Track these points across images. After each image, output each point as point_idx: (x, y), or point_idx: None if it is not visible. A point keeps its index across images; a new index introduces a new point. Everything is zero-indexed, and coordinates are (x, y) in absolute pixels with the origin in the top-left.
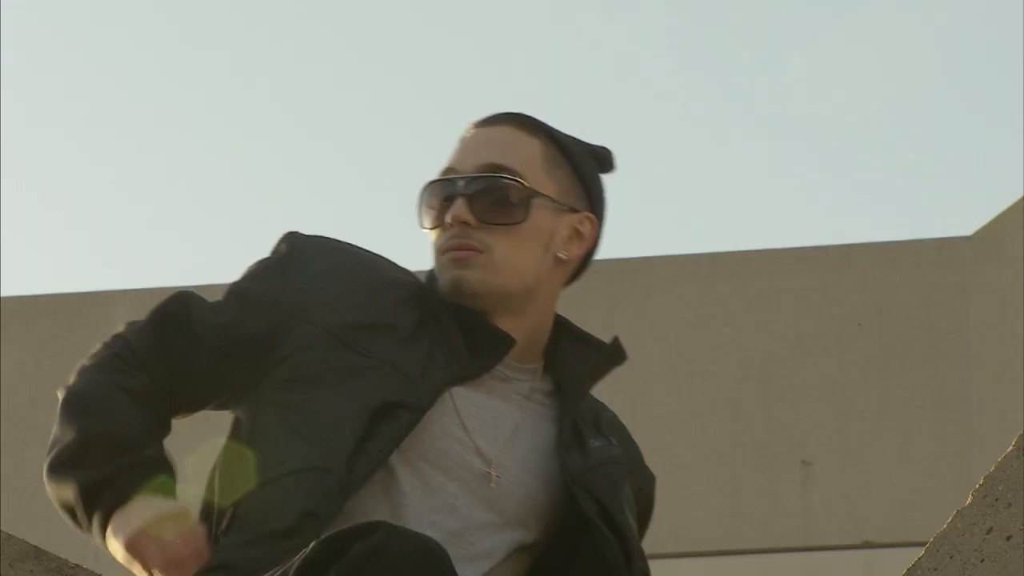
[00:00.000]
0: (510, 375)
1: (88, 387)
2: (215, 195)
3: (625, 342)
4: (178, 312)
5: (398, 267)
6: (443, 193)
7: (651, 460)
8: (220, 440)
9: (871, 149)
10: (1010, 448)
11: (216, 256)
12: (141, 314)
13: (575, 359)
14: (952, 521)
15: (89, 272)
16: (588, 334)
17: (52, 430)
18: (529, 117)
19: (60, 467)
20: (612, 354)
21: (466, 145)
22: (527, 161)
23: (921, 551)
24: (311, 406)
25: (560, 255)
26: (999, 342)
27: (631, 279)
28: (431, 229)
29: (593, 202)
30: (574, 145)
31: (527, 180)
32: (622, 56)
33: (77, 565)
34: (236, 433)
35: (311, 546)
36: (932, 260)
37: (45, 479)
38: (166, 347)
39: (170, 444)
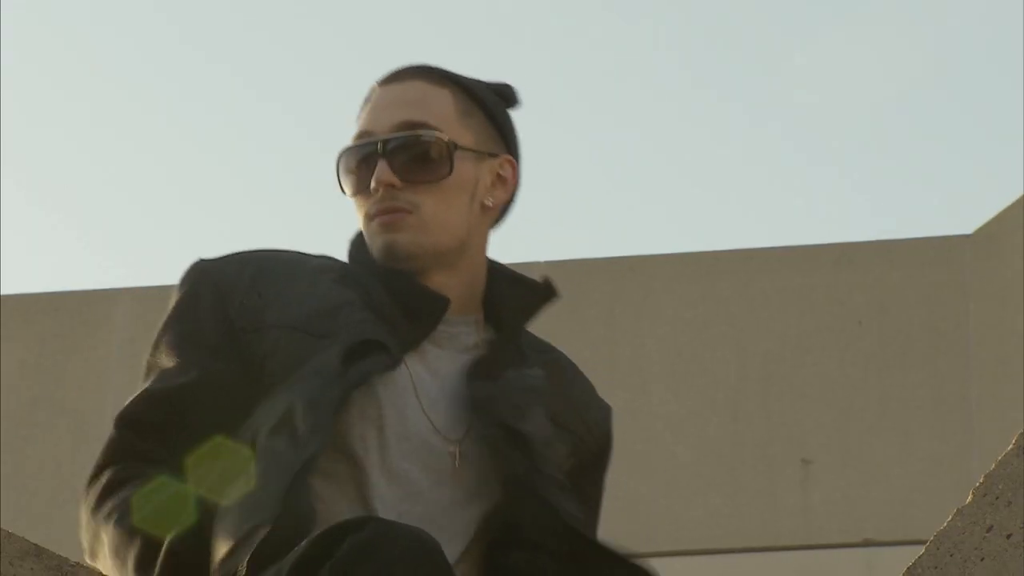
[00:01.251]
0: (454, 331)
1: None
2: (215, 194)
3: (624, 341)
4: (152, 413)
5: (315, 254)
6: (361, 157)
7: (650, 459)
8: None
9: (871, 148)
10: (1010, 446)
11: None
12: (141, 312)
13: (510, 299)
14: (952, 519)
15: (89, 270)
16: (521, 275)
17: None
18: (435, 68)
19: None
20: (544, 291)
21: (376, 106)
22: (441, 114)
23: (921, 549)
24: (292, 377)
25: (486, 202)
26: (999, 341)
27: (630, 278)
28: (354, 196)
29: (508, 143)
30: (481, 89)
31: (445, 133)
32: (622, 55)
33: (77, 563)
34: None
35: (303, 544)
36: (932, 259)
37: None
38: (155, 441)
39: None
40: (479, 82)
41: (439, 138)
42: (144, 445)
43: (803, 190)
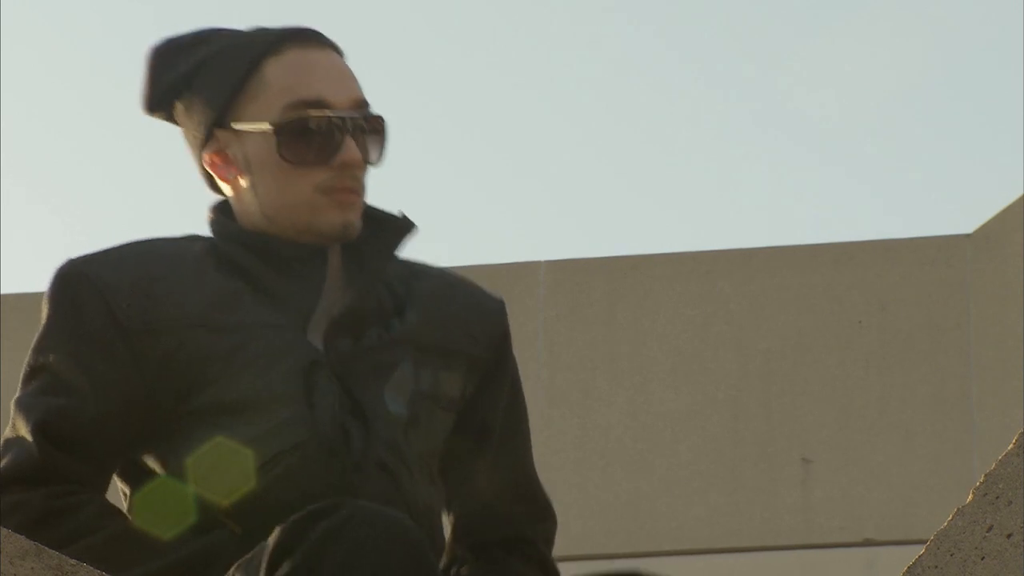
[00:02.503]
0: (327, 306)
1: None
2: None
3: (625, 339)
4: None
5: (179, 238)
6: (329, 128)
7: (650, 458)
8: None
9: (871, 147)
10: (1011, 446)
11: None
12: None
13: (366, 238)
14: (952, 519)
15: None
16: (372, 208)
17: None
18: (337, 45)
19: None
20: (403, 224)
21: (325, 73)
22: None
23: (922, 549)
24: (228, 400)
25: None
26: (1000, 340)
27: (631, 276)
28: (305, 165)
29: None
30: None
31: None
32: (621, 54)
33: (77, 563)
34: (145, 472)
35: (277, 531)
36: (932, 258)
37: None
38: (64, 464)
39: None
40: None
41: (386, 123)
42: (68, 464)
43: (803, 190)
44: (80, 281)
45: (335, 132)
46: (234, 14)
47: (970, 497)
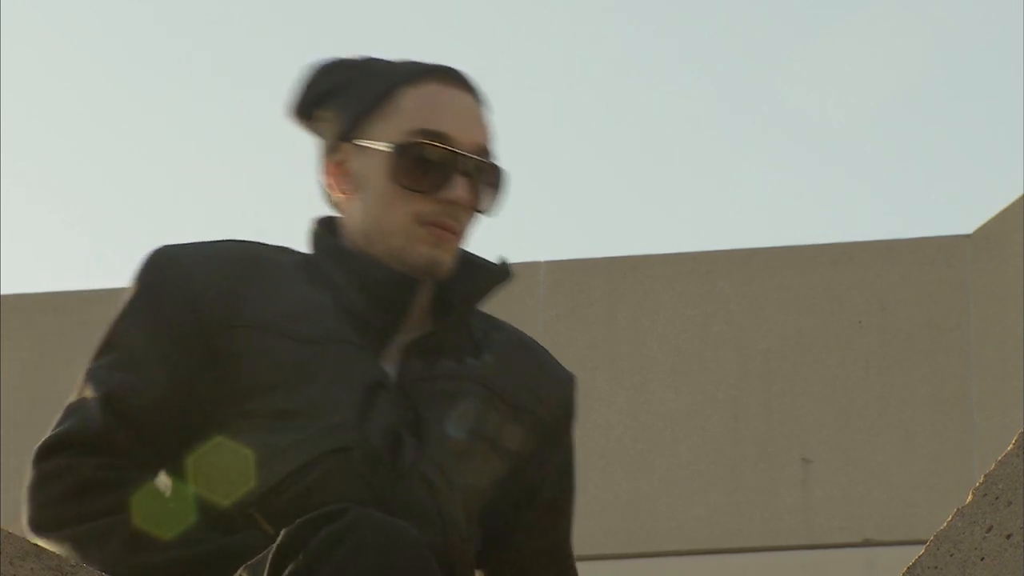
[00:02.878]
0: (406, 339)
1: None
2: (216, 195)
3: (625, 340)
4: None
5: (274, 246)
6: (444, 164)
7: (650, 458)
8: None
9: (871, 147)
10: (1010, 446)
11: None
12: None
13: (459, 281)
14: (952, 519)
15: (89, 270)
16: (470, 254)
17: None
18: (476, 85)
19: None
20: (496, 272)
21: (452, 110)
22: (492, 142)
23: (921, 549)
24: (287, 406)
25: None
26: (999, 340)
27: (631, 276)
28: (411, 191)
29: None
30: None
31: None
32: (621, 54)
33: (78, 564)
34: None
35: (281, 535)
36: (932, 258)
37: None
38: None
39: None
40: None
41: (505, 176)
42: (128, 440)
43: (803, 190)
44: (170, 267)
45: (449, 167)
46: (234, 14)
47: (970, 497)
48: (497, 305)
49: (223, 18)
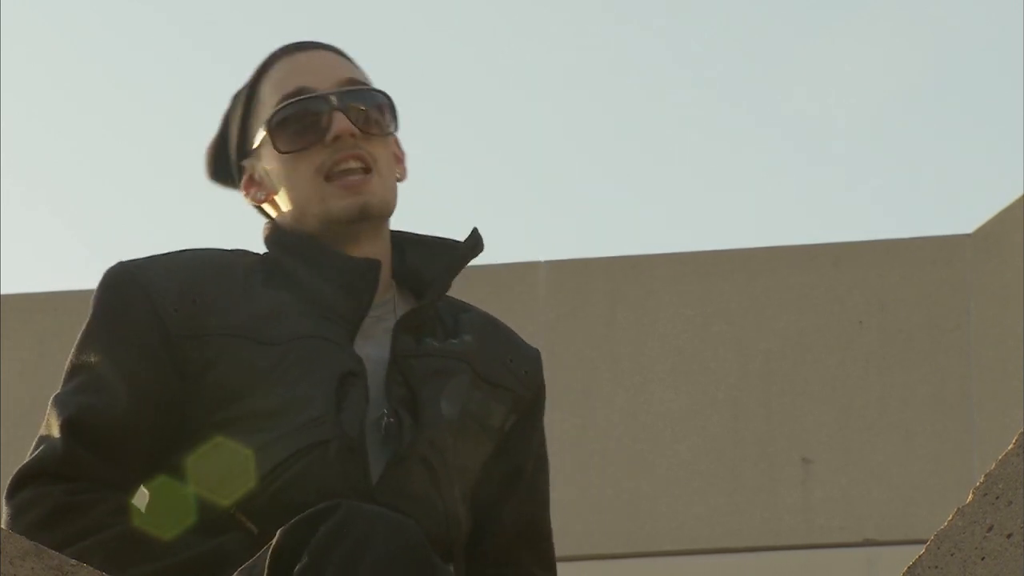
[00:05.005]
0: (379, 314)
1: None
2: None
3: (625, 339)
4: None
5: (230, 250)
6: (309, 111)
7: (651, 457)
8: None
9: (871, 146)
10: (1011, 446)
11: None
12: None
13: (428, 262)
14: (953, 519)
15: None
16: (429, 236)
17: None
18: (334, 46)
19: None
20: (469, 246)
21: (303, 68)
22: (366, 80)
23: (922, 549)
24: (261, 408)
25: (399, 176)
26: (1000, 340)
27: (632, 276)
28: (300, 151)
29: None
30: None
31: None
32: (621, 55)
33: (78, 563)
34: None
35: (277, 535)
36: (933, 258)
37: None
38: (92, 461)
39: None
40: None
41: (386, 93)
42: (93, 462)
43: (803, 190)
44: (129, 283)
45: (319, 112)
46: (236, 13)
47: (970, 497)
48: (497, 305)
49: (223, 18)
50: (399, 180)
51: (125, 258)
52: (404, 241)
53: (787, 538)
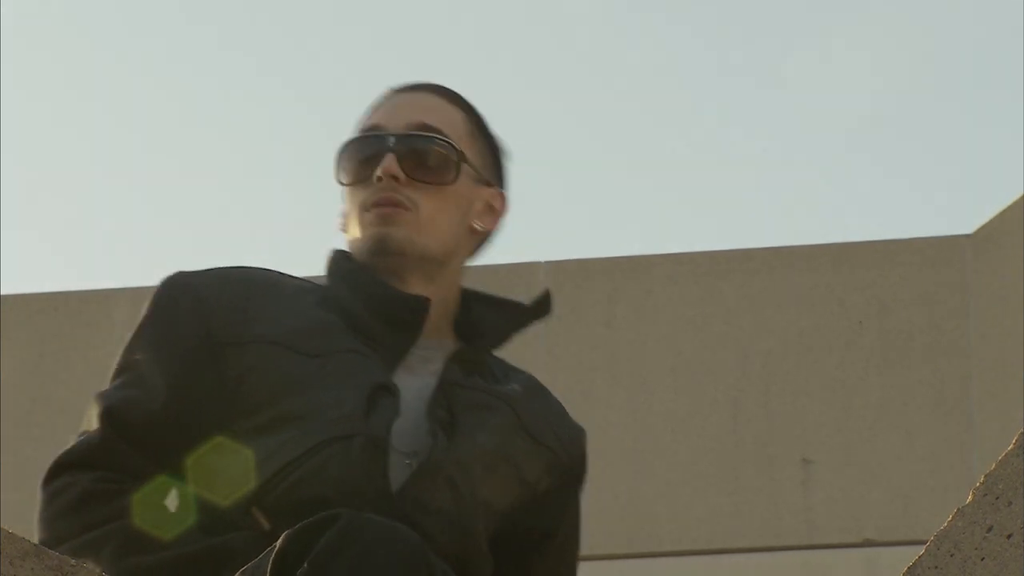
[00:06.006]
0: (425, 354)
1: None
2: (216, 194)
3: (625, 340)
4: (118, 426)
5: (291, 275)
6: (370, 149)
7: (651, 458)
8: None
9: (871, 147)
10: (1011, 446)
11: (217, 254)
12: (141, 312)
13: (489, 321)
14: (953, 519)
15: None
16: (504, 298)
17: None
18: (450, 88)
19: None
20: (536, 308)
21: (390, 106)
22: (454, 127)
23: (921, 549)
24: (292, 410)
25: (475, 225)
26: (1000, 340)
27: (631, 277)
28: (352, 185)
29: (503, 182)
30: (488, 123)
31: (459, 146)
32: (620, 55)
33: (78, 564)
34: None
35: (280, 540)
36: (933, 258)
37: None
38: (124, 454)
39: None
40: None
41: (451, 144)
42: (127, 452)
43: (803, 190)
44: (183, 290)
45: (377, 151)
46: (236, 13)
47: (970, 497)
48: None
49: (234, 16)
50: (480, 230)
51: (184, 269)
52: (472, 298)
53: (787, 538)
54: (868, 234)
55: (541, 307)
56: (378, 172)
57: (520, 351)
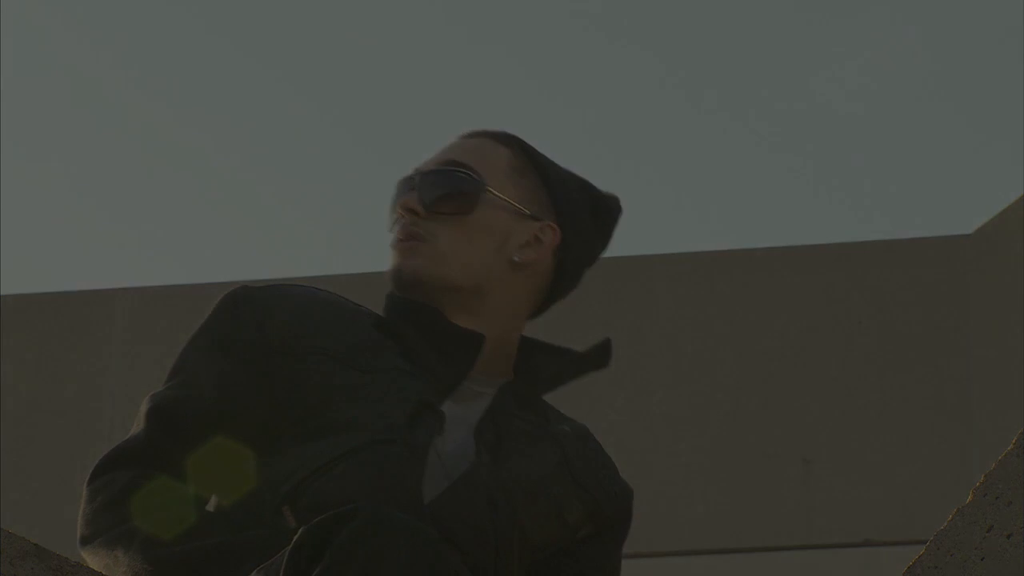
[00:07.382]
0: (478, 389)
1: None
2: (217, 192)
3: (625, 340)
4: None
5: (352, 301)
6: (400, 191)
7: (651, 458)
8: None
9: (871, 146)
10: (1010, 446)
11: (217, 254)
12: (141, 312)
13: (551, 363)
14: (952, 519)
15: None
16: (567, 348)
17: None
18: (510, 133)
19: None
20: (596, 357)
21: (441, 149)
22: (489, 164)
23: (921, 549)
24: (337, 420)
25: (515, 258)
26: (999, 340)
27: (632, 277)
28: (391, 229)
29: (562, 217)
30: (554, 168)
31: (483, 178)
32: (622, 56)
33: (78, 563)
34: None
35: (298, 534)
36: (932, 258)
37: None
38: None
39: None
40: (569, 173)
41: (470, 175)
42: (171, 450)
43: (803, 190)
44: (245, 299)
45: (405, 189)
46: (238, 12)
47: (970, 497)
48: None
49: (235, 14)
50: (519, 262)
51: (249, 284)
52: (534, 346)
53: (787, 538)
54: (868, 234)
55: (601, 357)
56: (398, 208)
57: None
